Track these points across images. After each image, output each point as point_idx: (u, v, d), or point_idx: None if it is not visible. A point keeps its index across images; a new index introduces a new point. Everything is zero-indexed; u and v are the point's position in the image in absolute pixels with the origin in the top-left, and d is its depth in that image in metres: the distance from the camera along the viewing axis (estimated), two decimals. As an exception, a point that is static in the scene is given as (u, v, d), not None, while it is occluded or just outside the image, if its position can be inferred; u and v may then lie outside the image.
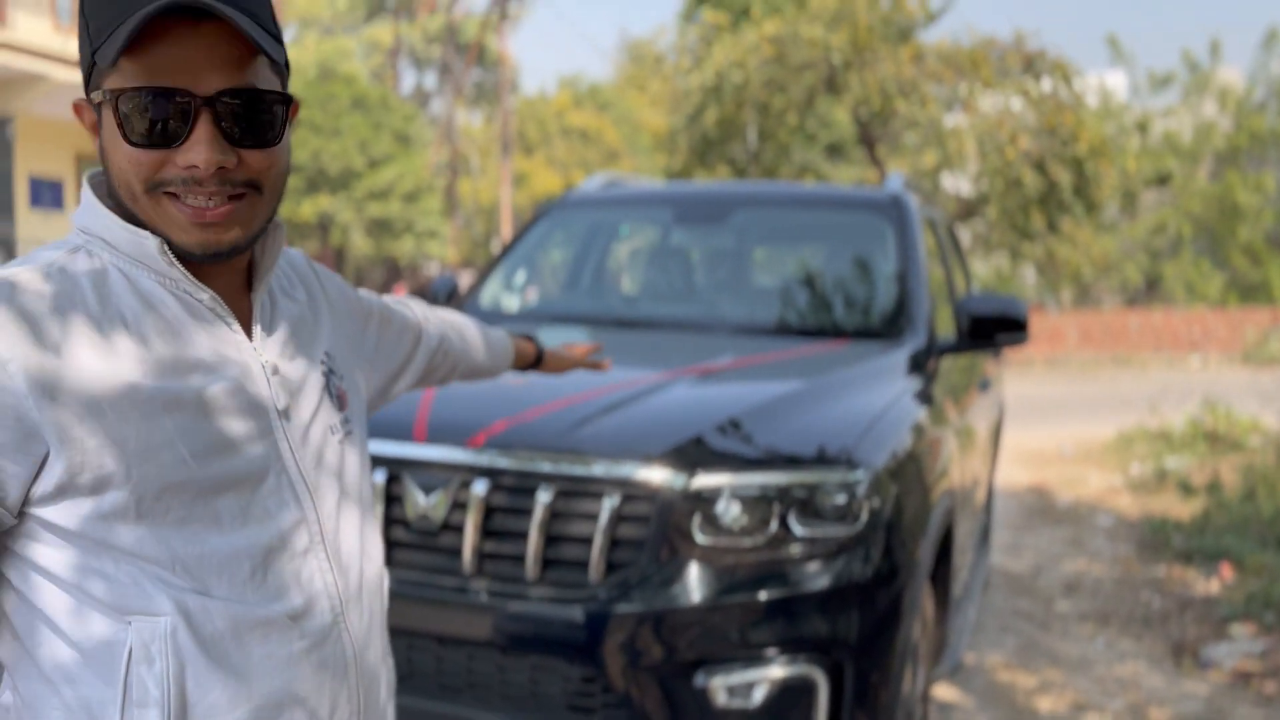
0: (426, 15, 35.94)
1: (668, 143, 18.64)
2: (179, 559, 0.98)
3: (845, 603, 2.26)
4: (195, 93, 0.95)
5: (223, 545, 1.00)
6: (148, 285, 1.01)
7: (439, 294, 3.97)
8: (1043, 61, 16.61)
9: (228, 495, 1.01)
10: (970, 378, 3.89)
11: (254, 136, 0.99)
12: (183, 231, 0.99)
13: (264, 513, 1.04)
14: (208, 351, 1.03)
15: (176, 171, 0.97)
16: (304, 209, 22.52)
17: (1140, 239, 27.53)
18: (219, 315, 1.05)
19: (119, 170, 0.98)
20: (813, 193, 4.24)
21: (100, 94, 0.97)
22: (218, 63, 0.96)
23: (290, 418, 1.09)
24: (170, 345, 1.00)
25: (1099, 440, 10.52)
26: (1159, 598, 5.16)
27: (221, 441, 1.01)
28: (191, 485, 0.99)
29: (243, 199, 1.00)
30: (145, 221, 1.00)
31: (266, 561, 1.03)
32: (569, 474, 2.27)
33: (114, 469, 0.95)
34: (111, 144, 0.98)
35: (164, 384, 0.98)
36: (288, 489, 1.06)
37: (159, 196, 0.98)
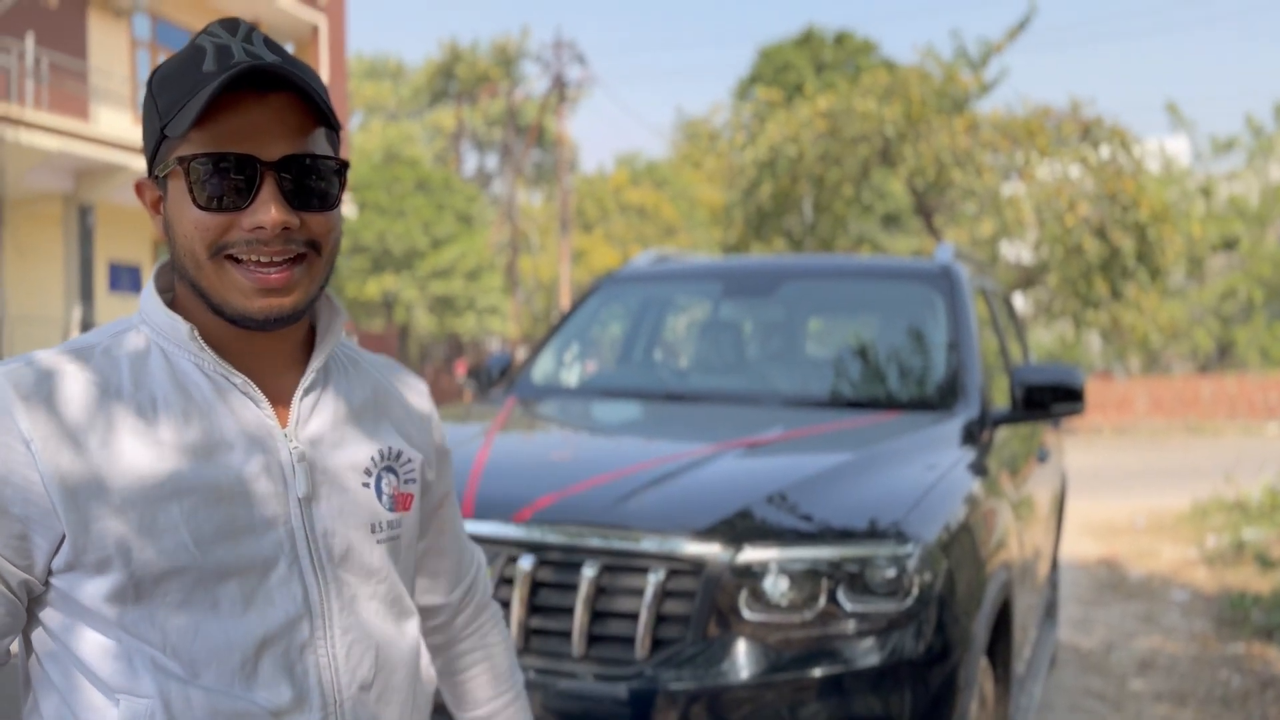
0: (488, 100, 36.98)
1: (723, 217, 18.82)
2: (171, 643, 0.99)
3: (897, 680, 2.21)
4: (261, 158, 1.00)
5: (217, 632, 1.00)
6: (184, 366, 1.05)
7: (494, 370, 4.03)
8: (1100, 129, 16.55)
9: (230, 582, 1.01)
10: (1028, 448, 3.82)
11: (315, 200, 1.03)
12: (245, 297, 1.01)
13: (267, 601, 1.02)
14: (233, 434, 1.04)
15: (241, 234, 1.00)
16: (369, 288, 23.05)
17: (1210, 304, 26.97)
18: (250, 397, 1.06)
19: (185, 238, 1.02)
20: (862, 264, 4.24)
21: (169, 165, 1.02)
22: (281, 130, 1.01)
23: (314, 507, 1.07)
24: (194, 428, 1.02)
25: (1172, 511, 10.20)
26: (1238, 676, 4.95)
27: (230, 528, 1.01)
28: (192, 571, 0.99)
29: (302, 261, 1.03)
30: (209, 293, 1.03)
31: (260, 652, 1.01)
32: (614, 549, 2.27)
33: (115, 552, 0.97)
34: (178, 213, 1.02)
35: (177, 469, 0.99)
36: (298, 580, 1.04)
37: (222, 261, 1.01)
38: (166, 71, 1.03)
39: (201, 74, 0.99)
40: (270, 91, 1.00)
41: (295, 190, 1.02)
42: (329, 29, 19.31)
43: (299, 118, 1.02)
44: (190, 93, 0.99)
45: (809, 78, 30.66)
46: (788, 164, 16.80)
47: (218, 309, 1.03)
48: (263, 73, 0.99)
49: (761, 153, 16.99)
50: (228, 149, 0.99)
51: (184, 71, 1.01)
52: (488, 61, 36.73)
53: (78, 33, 15.16)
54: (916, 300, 3.79)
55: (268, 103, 1.00)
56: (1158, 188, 21.17)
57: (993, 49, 19.65)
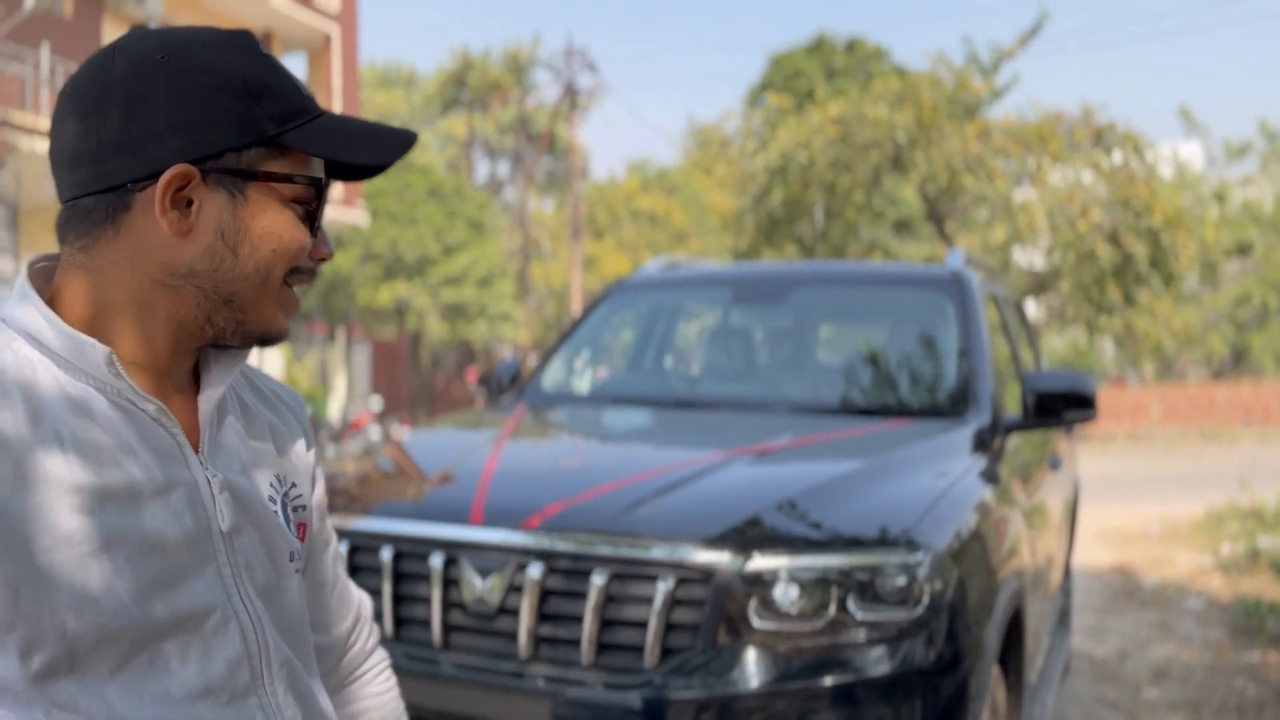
0: (499, 108, 37.09)
1: (735, 224, 18.81)
2: (115, 712, 0.87)
3: (908, 689, 2.20)
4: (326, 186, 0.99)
5: (159, 693, 0.89)
6: (81, 393, 0.90)
7: (504, 378, 4.03)
8: (1112, 134, 16.49)
9: (170, 638, 0.90)
10: (1040, 455, 3.80)
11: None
12: (286, 316, 0.99)
13: (205, 650, 0.92)
14: (150, 470, 0.91)
15: (307, 260, 0.98)
16: (381, 295, 23.11)
17: (1224, 310, 26.83)
18: (164, 426, 0.93)
19: (273, 253, 0.94)
20: (871, 271, 4.23)
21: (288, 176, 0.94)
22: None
23: (236, 542, 0.96)
24: (109, 468, 0.88)
25: (1187, 518, 10.13)
26: (1254, 685, 4.91)
27: (163, 577, 0.89)
28: (131, 631, 0.87)
29: None
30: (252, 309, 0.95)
31: (200, 706, 0.91)
32: (623, 556, 2.26)
33: (49, 623, 0.84)
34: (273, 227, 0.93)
35: (102, 518, 0.87)
36: (234, 621, 0.94)
37: (285, 284, 0.97)
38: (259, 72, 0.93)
39: (306, 95, 0.96)
40: None
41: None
42: (342, 38, 19.40)
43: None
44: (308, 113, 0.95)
45: (820, 84, 30.66)
46: (799, 170, 16.79)
47: (243, 324, 0.95)
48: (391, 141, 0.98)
49: (772, 159, 16.98)
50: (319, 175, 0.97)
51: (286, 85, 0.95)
52: (499, 69, 36.84)
53: (92, 43, 15.27)
54: (927, 307, 3.79)
55: None
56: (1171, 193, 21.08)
57: (1004, 55, 19.61)
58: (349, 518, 2.60)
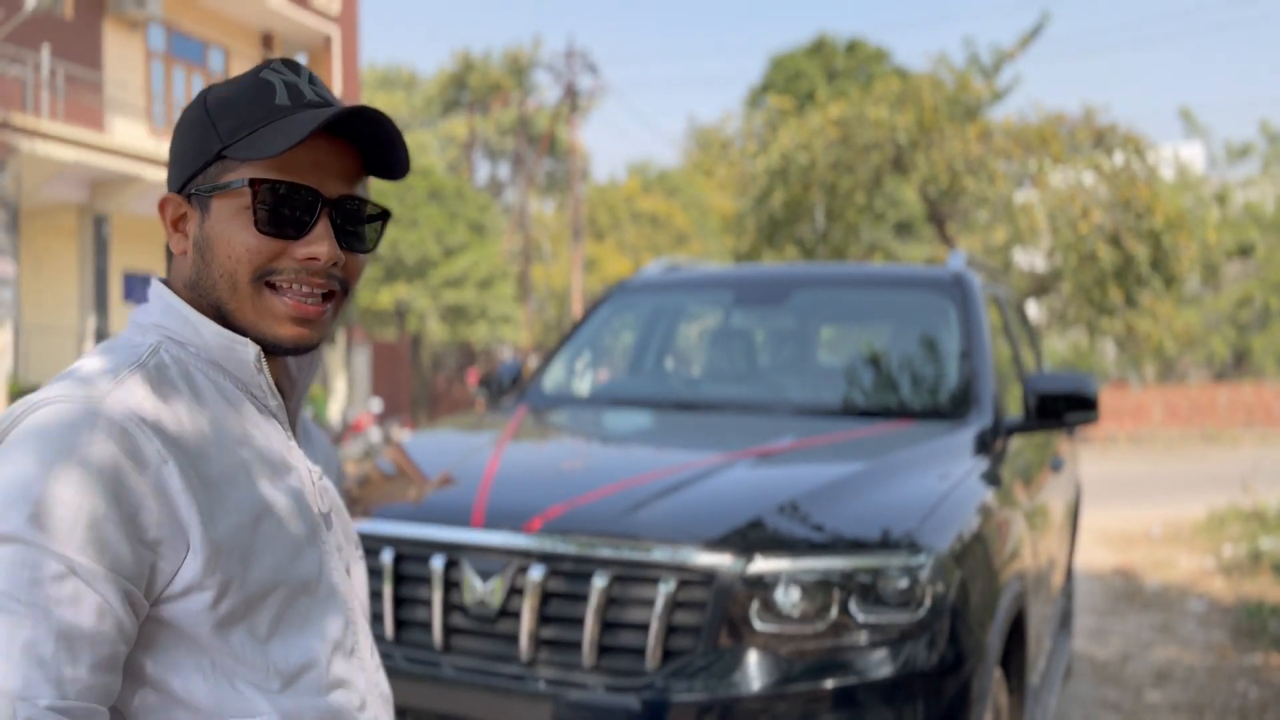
0: (500, 109, 37.09)
1: (735, 225, 18.80)
2: (271, 660, 1.00)
3: (910, 692, 2.19)
4: (322, 193, 1.04)
5: (302, 645, 1.03)
6: (225, 386, 1.05)
7: (505, 379, 4.03)
8: (1114, 135, 16.49)
9: (304, 596, 1.04)
10: (1041, 457, 3.80)
11: (358, 241, 1.08)
12: (278, 323, 1.04)
13: (325, 614, 1.06)
14: (277, 455, 1.07)
15: (291, 263, 1.03)
16: (382, 297, 23.10)
17: (1225, 312, 26.81)
18: (278, 420, 1.09)
19: (229, 259, 1.02)
20: (873, 273, 4.23)
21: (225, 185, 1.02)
22: (340, 172, 1.06)
23: (329, 522, 1.12)
24: (253, 447, 1.04)
25: (1188, 520, 10.12)
26: (1256, 688, 4.90)
27: (297, 544, 1.04)
28: (283, 587, 1.02)
29: (333, 298, 1.07)
30: (235, 315, 1.04)
31: (332, 658, 1.05)
32: (624, 559, 2.26)
33: (235, 572, 0.97)
34: (224, 233, 1.02)
35: (259, 488, 1.02)
36: (337, 589, 1.09)
37: (261, 287, 1.03)
38: (228, 96, 1.04)
39: (275, 106, 1.02)
40: (336, 136, 1.05)
41: (344, 229, 1.06)
42: (342, 39, 19.40)
43: (354, 163, 1.07)
44: (264, 121, 1.01)
45: (821, 86, 30.66)
46: (800, 172, 16.78)
47: (241, 331, 1.05)
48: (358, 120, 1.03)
49: (773, 161, 16.98)
50: (297, 179, 1.02)
51: (253, 100, 1.03)
52: (500, 71, 36.85)
53: (93, 44, 15.27)
54: (928, 308, 3.78)
55: (333, 145, 1.05)
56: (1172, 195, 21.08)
57: (1005, 56, 19.60)
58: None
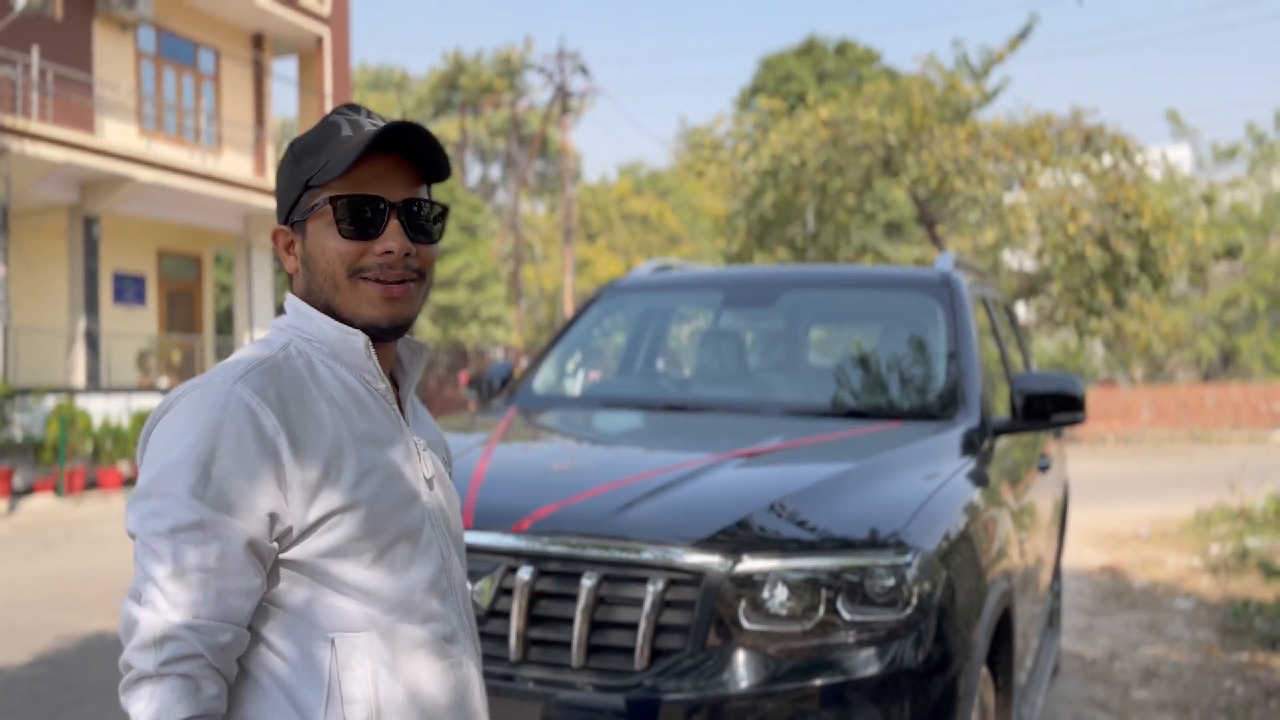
0: (491, 110, 37.07)
1: (726, 226, 18.83)
2: (373, 589, 1.24)
3: (897, 690, 2.21)
4: (389, 199, 1.28)
5: (401, 581, 1.27)
6: (342, 373, 1.31)
7: (495, 380, 4.04)
8: (1102, 137, 16.56)
9: (404, 543, 1.28)
10: (1029, 457, 3.82)
11: (425, 234, 1.32)
12: (374, 307, 1.28)
13: (424, 558, 1.31)
14: (385, 428, 1.31)
15: (373, 258, 1.27)
16: (372, 299, 23.10)
17: (1213, 312, 26.94)
18: (389, 400, 1.34)
19: (327, 264, 1.28)
20: (861, 274, 4.25)
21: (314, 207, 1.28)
22: (401, 180, 1.30)
23: (434, 487, 1.37)
24: (365, 421, 1.29)
25: (1176, 520, 10.18)
26: (1242, 686, 4.94)
27: (402, 499, 1.29)
28: (385, 532, 1.26)
29: (413, 283, 1.31)
30: (341, 308, 1.29)
31: (427, 595, 1.30)
32: (613, 559, 2.27)
33: (340, 518, 1.22)
34: (321, 244, 1.29)
35: (367, 450, 1.27)
36: (435, 542, 1.33)
37: (356, 282, 1.28)
38: (306, 140, 1.31)
39: (342, 138, 1.28)
40: (391, 153, 1.28)
41: (411, 226, 1.29)
42: (333, 41, 19.37)
43: (412, 174, 1.31)
44: (334, 153, 1.26)
45: (811, 87, 30.71)
46: (790, 173, 16.82)
47: (349, 321, 1.29)
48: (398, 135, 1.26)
49: (764, 162, 17.02)
50: (367, 191, 1.27)
51: (325, 138, 1.29)
52: (491, 72, 36.84)
53: (83, 45, 15.22)
54: (917, 309, 3.80)
55: (391, 162, 1.29)
56: (1160, 196, 21.18)
57: (995, 58, 19.67)
58: (340, 521, 2.60)
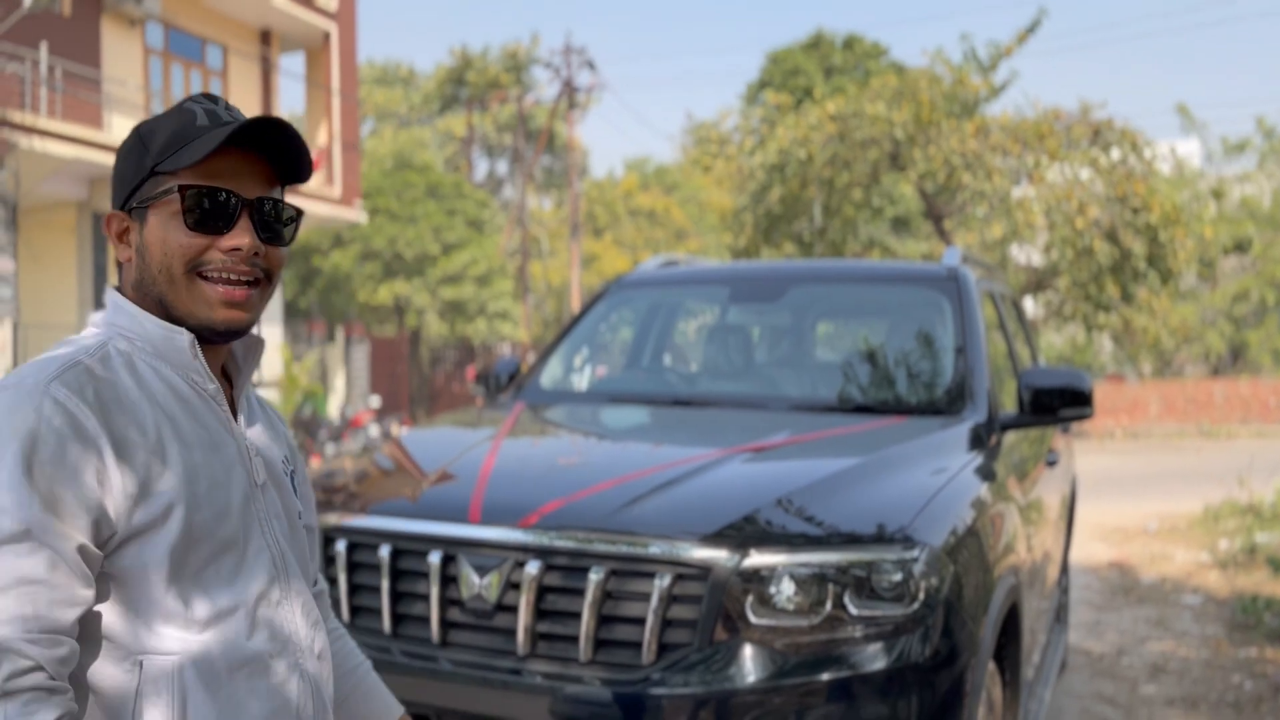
0: (498, 106, 37.06)
1: (733, 221, 18.81)
2: (190, 604, 1.17)
3: (904, 685, 2.21)
4: (242, 195, 1.23)
5: (225, 594, 1.20)
6: (166, 373, 1.23)
7: (502, 376, 4.04)
8: (1111, 131, 16.50)
9: (230, 553, 1.21)
10: (1036, 452, 3.81)
11: (276, 236, 1.27)
12: (210, 309, 1.22)
13: (252, 569, 1.24)
14: (212, 431, 1.24)
15: (218, 255, 1.21)
16: (381, 293, 23.10)
17: (1222, 307, 26.84)
18: (218, 402, 1.27)
19: (165, 256, 1.21)
20: (868, 269, 4.24)
21: (158, 195, 1.22)
22: (256, 178, 1.25)
23: (265, 494, 1.30)
24: (190, 424, 1.22)
25: (1184, 515, 10.15)
26: (1251, 681, 4.93)
27: (227, 507, 1.22)
28: (208, 542, 1.19)
29: (258, 285, 1.25)
30: (175, 305, 1.22)
31: (254, 609, 1.22)
32: (621, 553, 2.27)
33: (160, 528, 1.15)
34: (159, 235, 1.22)
35: (192, 455, 1.20)
36: (266, 551, 1.26)
37: (194, 278, 1.22)
38: (156, 124, 1.24)
39: (197, 127, 1.22)
40: (250, 150, 1.24)
41: (263, 225, 1.25)
42: (340, 36, 19.38)
43: (268, 172, 1.26)
44: (187, 139, 1.21)
45: (818, 82, 30.65)
46: (797, 168, 16.80)
47: (180, 321, 1.23)
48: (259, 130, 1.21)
49: (771, 157, 16.99)
50: (218, 184, 1.21)
51: (177, 125, 1.23)
52: (498, 68, 36.81)
53: (91, 42, 15.25)
54: (924, 304, 3.79)
55: (247, 157, 1.24)
56: (1169, 190, 21.10)
57: (1002, 52, 19.61)
58: (347, 515, 2.61)
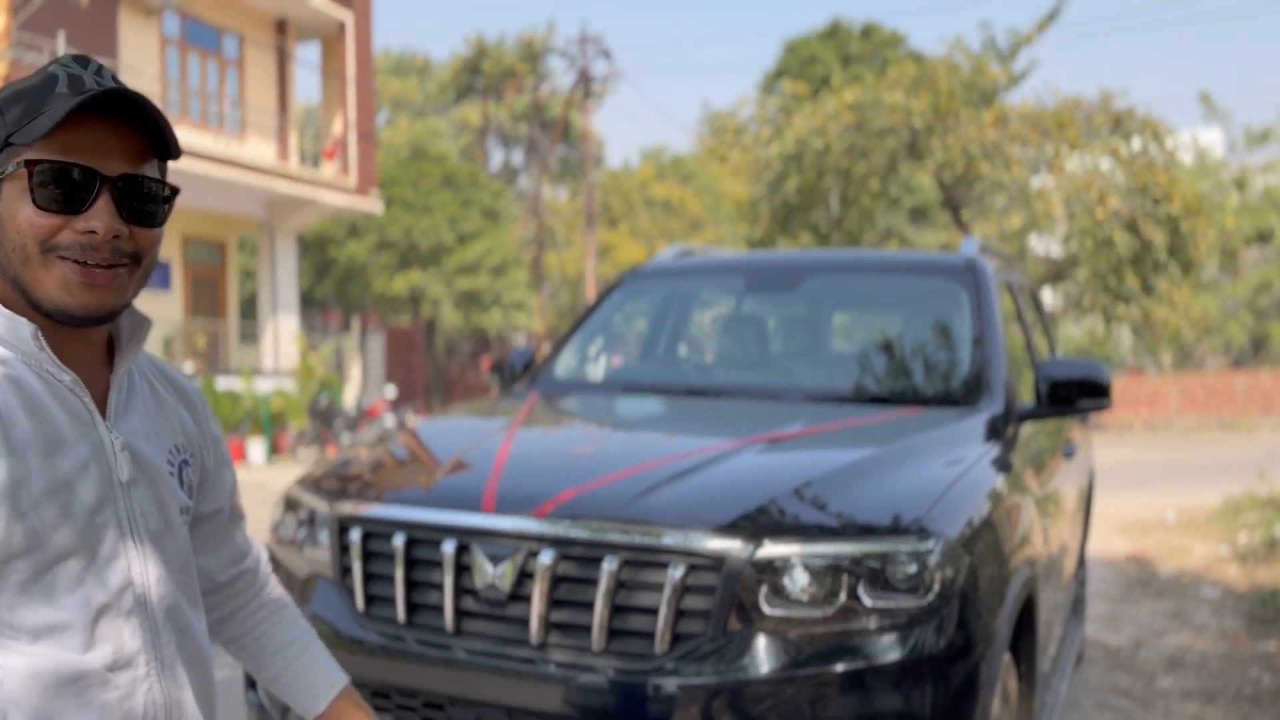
0: (514, 95, 37.05)
1: (749, 212, 18.75)
2: (16, 617, 1.08)
3: (918, 676, 2.20)
4: (101, 172, 1.12)
5: (57, 606, 1.11)
6: (12, 364, 1.13)
7: (517, 366, 4.04)
8: (1131, 120, 16.35)
9: (70, 561, 1.12)
10: (1054, 443, 3.79)
11: (143, 216, 1.16)
12: (68, 293, 1.12)
13: (98, 575, 1.14)
14: (64, 428, 1.14)
15: (73, 237, 1.11)
16: (396, 283, 23.17)
17: (1244, 298, 26.62)
18: (76, 394, 1.17)
19: (17, 234, 1.11)
20: (884, 259, 4.22)
21: (10, 168, 1.12)
22: (122, 153, 1.14)
23: (132, 492, 1.20)
24: (30, 420, 1.11)
25: (1204, 508, 10.08)
26: (1269, 674, 4.89)
27: (68, 512, 1.12)
28: (38, 554, 1.09)
29: (124, 268, 1.15)
30: (31, 287, 1.12)
31: (95, 620, 1.13)
32: (634, 543, 2.27)
33: None
34: (13, 211, 1.12)
35: (22, 463, 1.09)
36: (122, 555, 1.17)
37: (51, 259, 1.11)
38: (16, 90, 1.14)
39: (55, 94, 1.11)
40: (115, 120, 1.14)
41: (128, 205, 1.14)
42: (355, 25, 19.40)
43: (138, 146, 1.16)
44: (42, 108, 1.10)
45: (835, 71, 30.51)
46: (814, 157, 16.73)
47: (37, 303, 1.13)
48: (116, 101, 1.11)
49: (788, 146, 16.92)
50: (73, 160, 1.11)
51: (37, 91, 1.12)
52: (514, 57, 36.79)
53: (108, 31, 15.32)
54: (940, 294, 3.77)
55: (112, 129, 1.14)
56: (1191, 180, 20.92)
57: (1022, 40, 19.46)
58: (362, 504, 2.62)
